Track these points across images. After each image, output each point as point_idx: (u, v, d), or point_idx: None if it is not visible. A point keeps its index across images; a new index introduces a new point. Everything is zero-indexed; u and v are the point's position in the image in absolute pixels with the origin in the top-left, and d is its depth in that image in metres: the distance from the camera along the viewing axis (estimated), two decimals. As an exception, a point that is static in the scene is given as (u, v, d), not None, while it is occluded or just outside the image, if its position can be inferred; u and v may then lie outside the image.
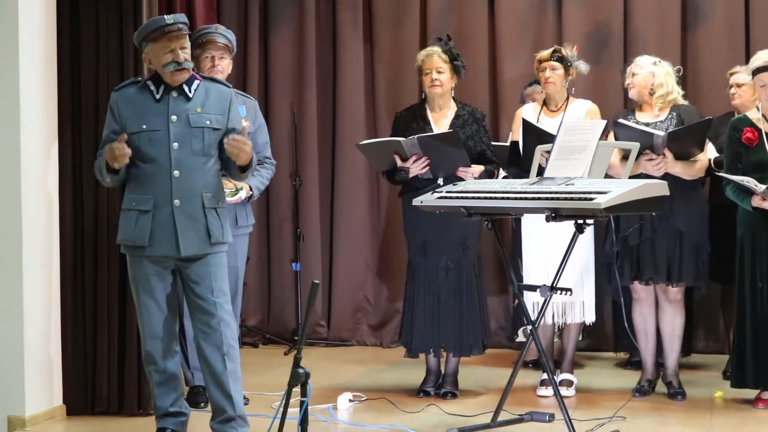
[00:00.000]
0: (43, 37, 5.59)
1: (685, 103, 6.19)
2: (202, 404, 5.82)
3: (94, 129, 5.61)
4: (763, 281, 5.72)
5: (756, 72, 5.78)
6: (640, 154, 5.79)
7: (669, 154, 5.85)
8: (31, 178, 5.51)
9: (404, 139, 5.95)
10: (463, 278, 6.13)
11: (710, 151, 6.20)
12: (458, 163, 5.98)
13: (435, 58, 6.16)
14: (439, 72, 6.14)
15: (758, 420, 5.64)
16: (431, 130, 6.13)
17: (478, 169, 6.08)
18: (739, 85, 6.61)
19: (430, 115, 6.22)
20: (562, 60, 6.26)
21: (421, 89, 6.33)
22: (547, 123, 6.18)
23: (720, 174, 5.83)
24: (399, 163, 6.02)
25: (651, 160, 5.86)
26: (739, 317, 5.84)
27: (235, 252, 5.87)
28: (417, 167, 5.99)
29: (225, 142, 4.79)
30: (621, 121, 5.94)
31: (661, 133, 5.82)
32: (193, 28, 6.03)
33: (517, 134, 6.33)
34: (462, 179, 5.92)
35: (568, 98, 6.34)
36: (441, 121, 6.20)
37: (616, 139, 5.90)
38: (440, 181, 5.96)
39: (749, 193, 5.64)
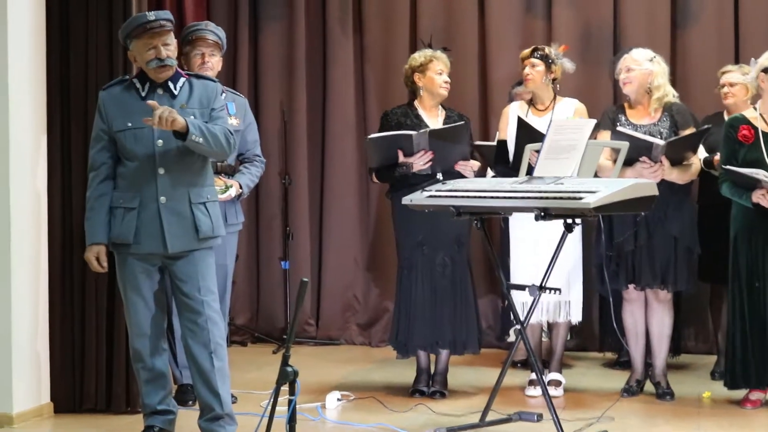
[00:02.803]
0: (32, 33, 5.58)
1: (676, 101, 6.17)
2: (190, 402, 5.81)
3: (83, 126, 5.60)
4: (761, 280, 5.71)
5: None
6: (636, 160, 5.79)
7: (666, 162, 5.83)
8: (20, 175, 5.50)
9: (416, 132, 5.94)
10: (458, 275, 6.13)
11: (699, 152, 6.18)
12: (458, 157, 5.99)
13: (445, 60, 6.22)
14: (447, 75, 6.19)
15: (746, 420, 5.64)
16: (426, 126, 6.11)
17: (477, 163, 6.11)
18: (732, 85, 6.60)
19: (423, 114, 6.21)
20: (542, 57, 6.26)
21: (413, 89, 6.29)
22: (535, 122, 6.16)
23: (726, 167, 5.76)
24: (401, 158, 6.00)
25: (648, 167, 5.83)
26: (733, 317, 5.83)
27: (224, 250, 5.86)
28: (421, 161, 5.98)
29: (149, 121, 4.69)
30: (620, 129, 5.87)
31: (661, 142, 5.79)
32: (182, 26, 6.03)
33: (504, 133, 6.33)
34: (460, 174, 5.94)
35: (555, 97, 6.34)
36: (432, 120, 6.20)
37: None
38: (439, 176, 5.95)
39: (748, 189, 5.63)
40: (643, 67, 6.07)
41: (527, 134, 5.86)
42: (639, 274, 6.01)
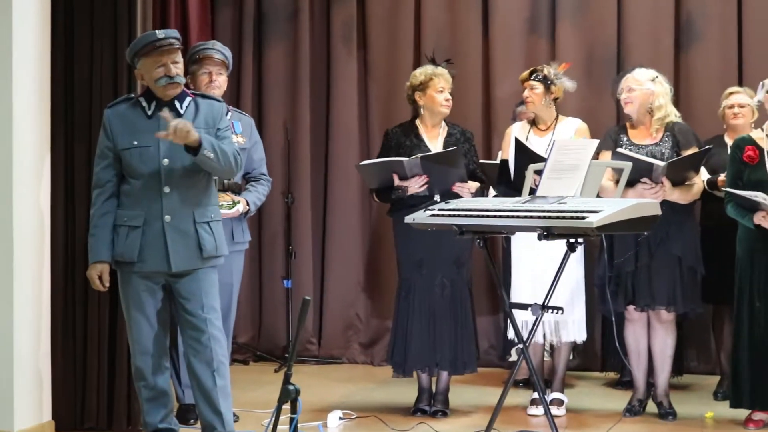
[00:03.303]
0: (37, 49, 5.59)
1: (679, 120, 6.17)
2: (192, 421, 5.80)
3: (87, 142, 5.61)
4: (761, 301, 5.71)
5: None
6: (638, 181, 5.79)
7: (667, 183, 5.83)
8: (23, 191, 5.50)
9: (407, 158, 5.94)
10: (457, 296, 6.12)
11: (702, 173, 6.19)
12: (455, 179, 5.98)
13: (447, 77, 6.18)
14: (449, 92, 6.18)
15: (749, 441, 5.65)
16: (426, 147, 6.12)
17: (474, 185, 6.09)
18: (741, 106, 6.62)
19: (423, 133, 6.21)
20: (541, 79, 6.26)
21: (415, 107, 6.29)
22: (536, 142, 6.18)
23: (728, 190, 5.79)
24: (397, 181, 6.00)
25: (650, 188, 5.83)
26: (736, 337, 5.83)
27: (230, 269, 5.87)
28: (416, 186, 5.98)
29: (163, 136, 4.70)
30: (621, 151, 5.87)
31: (661, 163, 5.79)
32: (187, 45, 6.05)
33: (506, 152, 6.33)
34: (458, 195, 5.93)
35: (557, 117, 6.34)
36: (434, 140, 6.20)
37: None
38: (437, 197, 5.95)
39: (751, 210, 5.63)
40: (645, 87, 6.07)
41: (525, 156, 5.87)
42: (638, 295, 6.00)
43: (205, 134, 4.78)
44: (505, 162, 6.33)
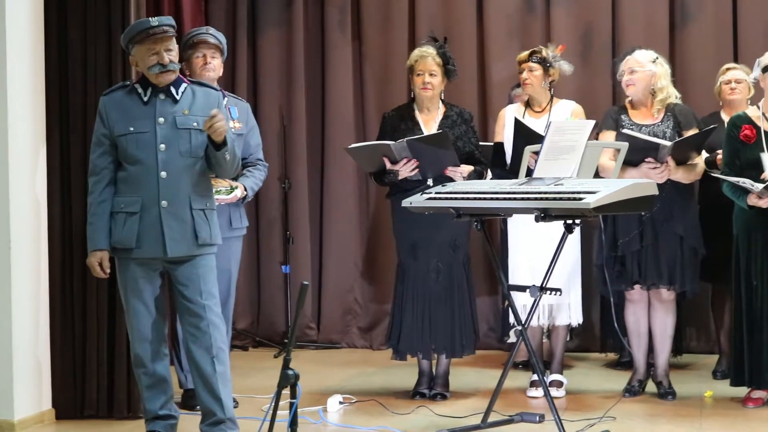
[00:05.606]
0: (30, 39, 5.58)
1: (678, 101, 6.16)
2: (198, 407, 5.79)
3: (82, 131, 5.61)
4: (758, 279, 5.72)
5: None
6: (642, 161, 5.78)
7: (671, 162, 5.82)
8: (20, 181, 5.50)
9: (393, 142, 5.92)
10: (453, 280, 6.11)
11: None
12: (447, 163, 5.95)
13: (429, 60, 6.11)
14: (431, 75, 6.11)
15: (748, 419, 5.64)
16: (420, 131, 6.11)
17: (467, 168, 6.05)
18: (738, 81, 6.61)
19: (418, 116, 6.20)
20: (540, 61, 6.24)
21: (410, 89, 6.30)
22: (532, 124, 6.14)
23: (715, 175, 5.82)
24: (388, 165, 5.99)
25: (655, 168, 5.82)
26: (735, 315, 5.84)
27: (229, 255, 5.87)
28: (406, 169, 5.96)
29: (204, 127, 4.76)
30: (627, 131, 5.87)
31: (668, 144, 5.77)
32: (180, 32, 6.03)
33: (500, 135, 6.32)
34: (451, 179, 5.91)
35: (552, 99, 6.32)
36: (430, 122, 6.18)
37: None
38: (430, 181, 5.93)
39: (745, 191, 5.63)
40: (647, 69, 6.04)
41: (524, 135, 5.85)
42: (645, 274, 5.99)
43: (233, 135, 4.83)
44: (499, 145, 6.32)
